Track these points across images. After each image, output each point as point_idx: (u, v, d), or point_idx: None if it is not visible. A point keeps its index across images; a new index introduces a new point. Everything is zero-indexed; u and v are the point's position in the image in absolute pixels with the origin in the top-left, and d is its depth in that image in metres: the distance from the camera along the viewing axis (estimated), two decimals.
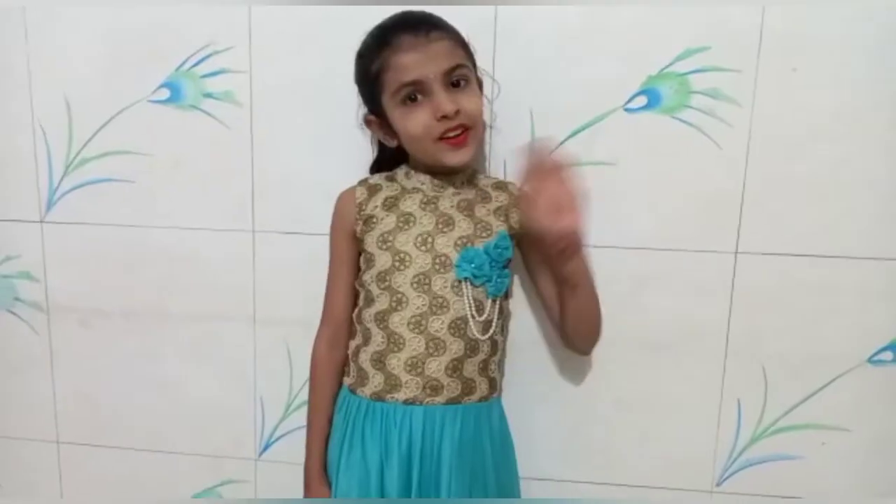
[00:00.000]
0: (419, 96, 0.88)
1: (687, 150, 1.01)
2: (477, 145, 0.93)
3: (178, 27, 1.07)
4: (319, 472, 1.01)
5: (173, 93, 1.09)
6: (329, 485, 1.00)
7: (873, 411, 1.05)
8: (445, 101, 0.86)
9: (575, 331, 0.98)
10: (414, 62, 0.86)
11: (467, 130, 0.89)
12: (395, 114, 0.90)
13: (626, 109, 1.01)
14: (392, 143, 0.96)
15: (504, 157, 1.05)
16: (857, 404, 1.05)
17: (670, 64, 0.99)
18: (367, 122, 0.97)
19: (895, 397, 1.05)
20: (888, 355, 1.03)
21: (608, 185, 1.03)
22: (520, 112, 1.03)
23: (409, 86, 0.87)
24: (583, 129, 1.02)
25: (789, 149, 0.99)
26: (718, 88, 0.99)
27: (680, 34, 0.98)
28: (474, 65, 0.94)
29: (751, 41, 0.97)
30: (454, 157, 0.90)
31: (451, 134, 0.88)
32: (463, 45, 0.91)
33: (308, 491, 1.02)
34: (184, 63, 1.08)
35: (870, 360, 1.04)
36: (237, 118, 1.09)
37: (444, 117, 0.87)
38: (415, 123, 0.89)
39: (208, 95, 1.09)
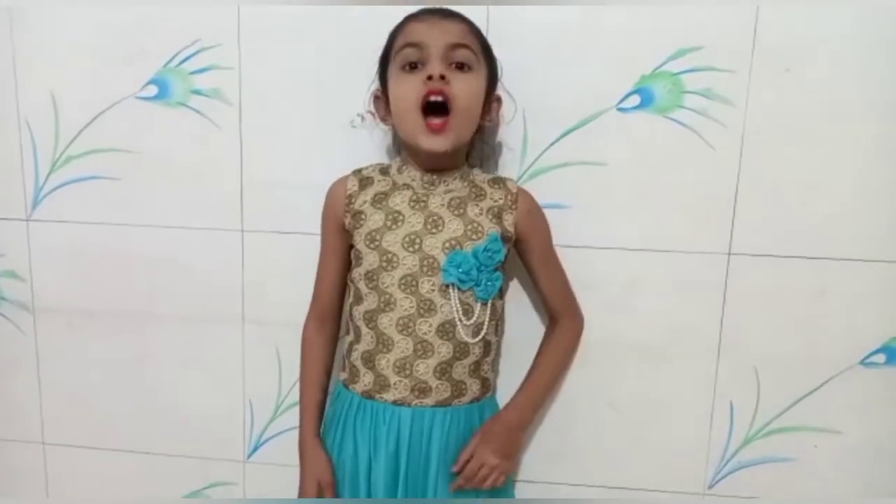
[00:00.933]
0: (419, 65, 0.88)
1: (680, 151, 1.00)
2: (458, 137, 0.89)
3: (166, 23, 1.06)
4: (314, 438, 0.98)
5: (161, 90, 1.08)
6: (325, 450, 0.97)
7: (866, 413, 1.05)
8: (437, 64, 0.86)
9: None
10: (422, 29, 0.88)
11: (450, 115, 0.87)
12: (393, 79, 0.90)
13: (619, 109, 1.00)
14: (388, 123, 0.96)
15: (496, 156, 1.04)
16: (850, 406, 1.05)
17: (663, 63, 0.98)
18: (375, 98, 0.97)
19: (888, 399, 1.04)
20: (881, 357, 1.03)
21: (601, 185, 1.02)
22: (512, 112, 1.02)
23: (411, 46, 0.88)
24: (575, 128, 1.01)
25: (783, 149, 0.99)
26: (712, 88, 0.98)
27: (673, 34, 0.97)
28: (491, 73, 0.93)
29: (744, 41, 0.96)
30: (429, 142, 0.88)
31: (433, 99, 0.86)
32: (482, 43, 0.91)
33: (303, 458, 0.99)
34: (172, 59, 1.07)
35: (862, 362, 1.04)
36: (226, 115, 1.07)
37: (430, 78, 0.86)
38: (404, 88, 0.88)
39: (197, 92, 1.07)
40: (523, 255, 0.99)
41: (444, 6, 0.92)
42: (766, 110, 0.98)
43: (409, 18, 0.91)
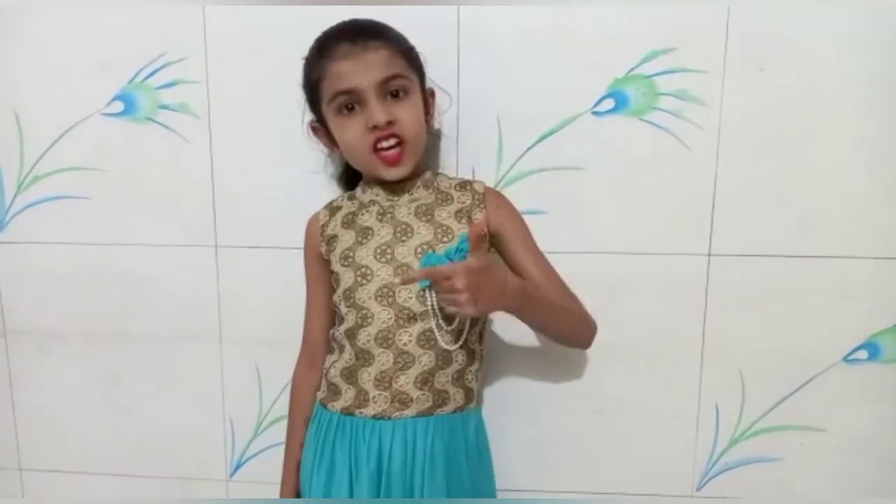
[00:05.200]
0: (356, 106, 0.87)
1: (656, 153, 1.00)
2: (415, 159, 0.90)
3: (130, 37, 1.03)
4: (293, 492, 1.00)
5: (127, 105, 1.06)
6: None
7: (850, 410, 1.05)
8: (378, 110, 0.85)
9: (555, 338, 0.97)
10: (348, 71, 0.85)
11: (403, 145, 0.87)
12: (333, 123, 0.90)
13: (594, 113, 0.99)
14: (335, 152, 0.96)
15: (472, 163, 1.03)
16: (834, 404, 1.05)
17: (636, 66, 0.97)
18: (313, 130, 0.96)
19: (871, 396, 1.04)
20: (863, 354, 1.03)
21: (577, 189, 1.01)
22: (486, 117, 1.01)
23: (344, 94, 0.86)
24: (550, 133, 1.00)
25: (759, 148, 0.98)
26: (686, 90, 0.97)
27: (645, 36, 0.96)
28: (421, 75, 0.92)
29: (717, 42, 0.96)
30: (389, 173, 0.89)
31: (386, 144, 0.87)
32: (406, 55, 0.89)
33: None
34: (137, 75, 1.04)
35: (845, 360, 1.03)
36: (195, 129, 1.05)
37: (376, 127, 0.85)
38: (350, 134, 0.88)
39: (164, 107, 1.05)
40: (506, 252, 0.94)
41: (358, 22, 0.89)
42: (741, 110, 0.97)
43: (328, 54, 0.86)
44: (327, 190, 1.03)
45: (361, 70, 0.85)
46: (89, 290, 1.12)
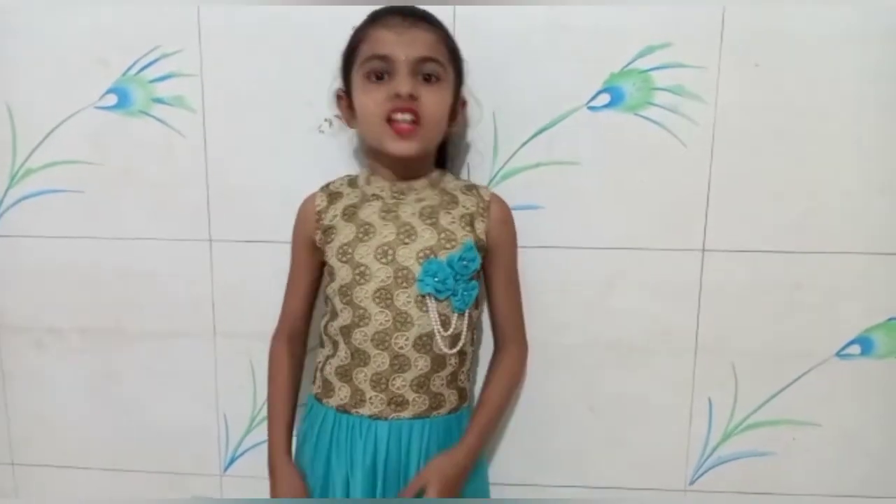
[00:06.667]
0: (385, 76, 0.86)
1: (652, 148, 1.00)
2: (425, 144, 0.89)
3: (124, 29, 1.03)
4: (284, 455, 0.95)
5: (121, 98, 1.05)
6: (297, 466, 0.94)
7: (843, 405, 1.05)
8: (405, 81, 0.85)
9: None
10: (390, 40, 0.85)
11: (418, 124, 0.86)
12: (358, 87, 0.89)
13: (590, 108, 0.99)
14: (353, 126, 0.94)
15: (467, 160, 1.03)
16: (827, 399, 1.05)
17: (632, 61, 0.97)
18: (338, 98, 0.95)
19: (864, 391, 1.05)
20: (856, 349, 1.04)
21: (572, 184, 1.01)
22: (483, 113, 1.00)
23: (378, 59, 0.85)
24: (546, 128, 1.00)
25: (754, 144, 0.99)
26: (682, 85, 0.97)
27: (641, 31, 0.96)
28: (458, 77, 0.92)
29: (712, 37, 0.96)
30: (396, 146, 0.87)
31: (401, 117, 0.86)
32: (450, 49, 0.89)
33: (274, 476, 0.95)
34: (131, 67, 1.04)
35: (838, 355, 1.04)
36: (189, 123, 1.05)
37: (398, 96, 0.85)
38: (371, 98, 0.87)
39: (158, 100, 1.04)
40: (487, 267, 0.95)
41: (415, 7, 0.89)
42: (737, 105, 0.97)
43: (375, 22, 0.88)
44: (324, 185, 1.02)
45: (403, 43, 0.85)
46: (84, 286, 1.11)
